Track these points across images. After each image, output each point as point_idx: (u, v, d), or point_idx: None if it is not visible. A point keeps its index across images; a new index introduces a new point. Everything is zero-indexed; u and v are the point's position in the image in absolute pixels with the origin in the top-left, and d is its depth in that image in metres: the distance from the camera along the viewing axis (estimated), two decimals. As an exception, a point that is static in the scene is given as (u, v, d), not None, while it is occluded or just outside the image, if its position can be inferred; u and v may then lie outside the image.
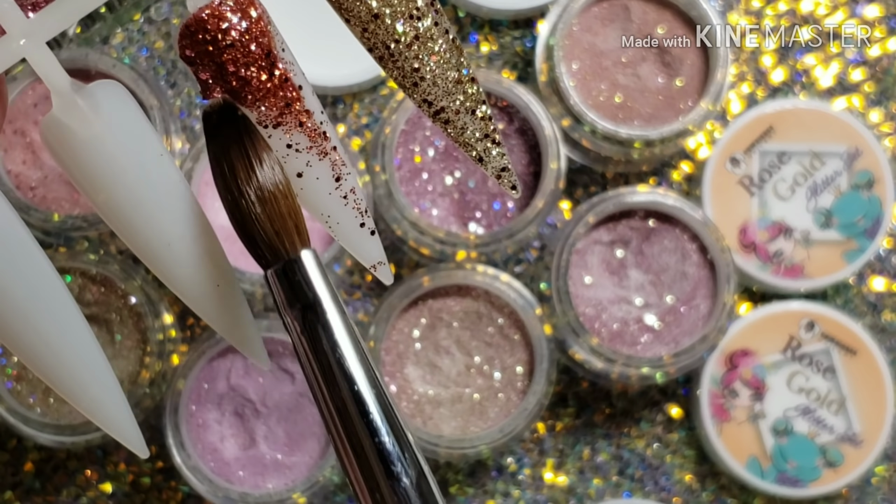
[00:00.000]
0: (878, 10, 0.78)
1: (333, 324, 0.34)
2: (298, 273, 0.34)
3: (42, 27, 0.33)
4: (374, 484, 0.33)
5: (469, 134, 0.36)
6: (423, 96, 0.35)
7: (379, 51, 0.35)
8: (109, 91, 0.33)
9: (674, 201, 0.72)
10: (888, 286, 0.77)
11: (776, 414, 0.74)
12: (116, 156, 0.33)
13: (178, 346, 0.73)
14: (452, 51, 0.35)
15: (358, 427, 0.33)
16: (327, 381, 0.33)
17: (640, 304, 0.72)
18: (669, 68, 0.73)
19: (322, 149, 0.35)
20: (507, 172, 0.36)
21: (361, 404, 0.33)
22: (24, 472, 0.75)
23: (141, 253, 0.34)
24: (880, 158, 0.74)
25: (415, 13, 0.34)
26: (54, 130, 0.33)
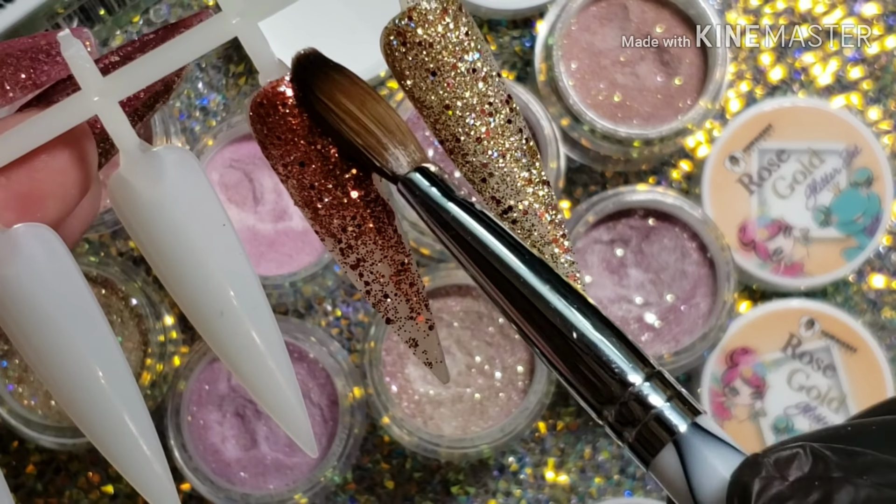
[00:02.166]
0: (876, 7, 0.78)
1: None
2: (436, 173, 0.34)
3: (116, 86, 0.33)
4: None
5: (536, 237, 0.35)
6: (491, 193, 0.35)
7: (449, 143, 0.35)
8: (176, 155, 0.33)
9: (673, 200, 0.72)
10: (888, 283, 0.77)
11: (777, 412, 0.74)
12: (177, 220, 0.33)
13: (179, 347, 0.73)
14: (524, 150, 0.35)
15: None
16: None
17: (640, 302, 0.72)
18: (668, 67, 0.73)
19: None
20: (576, 283, 0.35)
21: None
22: (26, 474, 0.75)
23: (192, 317, 0.34)
24: (879, 156, 0.74)
25: (487, 108, 0.34)
26: (119, 188, 0.33)
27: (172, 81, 0.38)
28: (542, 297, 0.33)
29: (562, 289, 0.33)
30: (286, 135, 0.34)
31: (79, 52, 0.32)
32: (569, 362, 0.32)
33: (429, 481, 0.76)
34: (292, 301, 0.75)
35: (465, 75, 0.34)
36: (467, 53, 0.34)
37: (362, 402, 0.71)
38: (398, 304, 0.35)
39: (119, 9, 0.74)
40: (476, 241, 0.33)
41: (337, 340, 0.75)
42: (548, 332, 0.33)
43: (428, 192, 0.34)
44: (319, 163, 0.34)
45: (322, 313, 0.76)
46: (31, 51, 0.35)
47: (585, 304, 0.33)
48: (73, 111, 0.33)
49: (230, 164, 0.72)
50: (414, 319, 0.36)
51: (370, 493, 0.75)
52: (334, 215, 0.35)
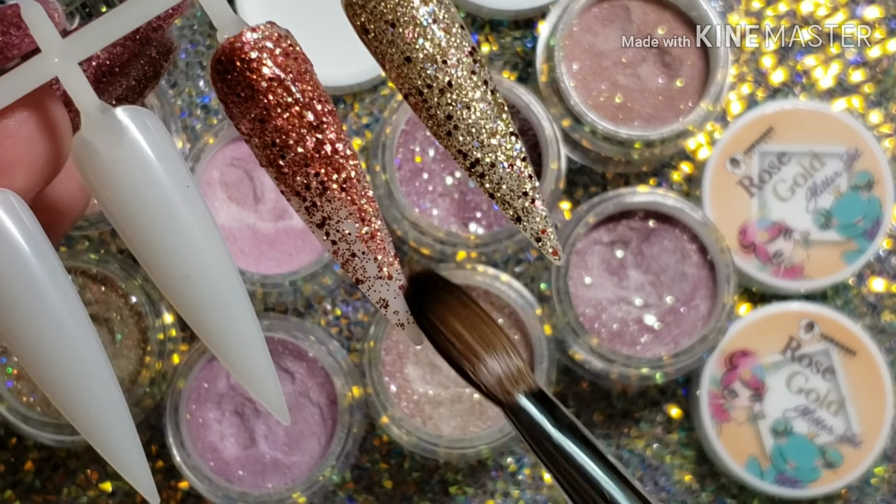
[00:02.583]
0: (878, 11, 0.78)
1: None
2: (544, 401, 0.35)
3: (76, 47, 0.33)
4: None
5: (505, 190, 0.34)
6: (457, 147, 0.34)
7: (412, 97, 0.34)
8: (138, 116, 0.33)
9: (674, 202, 0.72)
10: (887, 287, 0.77)
11: (776, 414, 0.74)
12: (140, 181, 0.33)
13: (179, 345, 0.73)
14: (490, 102, 0.34)
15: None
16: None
17: (640, 304, 0.72)
18: (669, 69, 0.73)
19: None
20: (548, 235, 0.35)
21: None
22: (25, 470, 0.75)
23: (158, 280, 0.34)
24: (880, 159, 0.74)
25: (449, 59, 0.34)
26: (82, 150, 0.33)
27: (161, 66, 0.38)
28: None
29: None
30: (245, 91, 0.33)
31: (39, 15, 0.32)
32: None
33: (427, 481, 0.76)
34: (292, 300, 0.75)
35: (424, 26, 0.33)
36: (426, 4, 0.34)
37: (361, 401, 0.71)
38: (366, 262, 0.35)
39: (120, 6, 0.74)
40: (578, 471, 0.34)
41: (336, 340, 0.75)
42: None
43: (535, 419, 0.34)
44: (280, 119, 0.34)
45: (322, 312, 0.76)
46: (0, 23, 0.34)
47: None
48: (32, 73, 0.33)
49: (231, 162, 0.72)
50: (383, 279, 0.35)
51: (368, 492, 0.75)
52: (298, 172, 0.34)
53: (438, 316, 0.34)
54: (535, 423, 0.34)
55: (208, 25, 0.75)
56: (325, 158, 0.34)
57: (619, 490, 0.34)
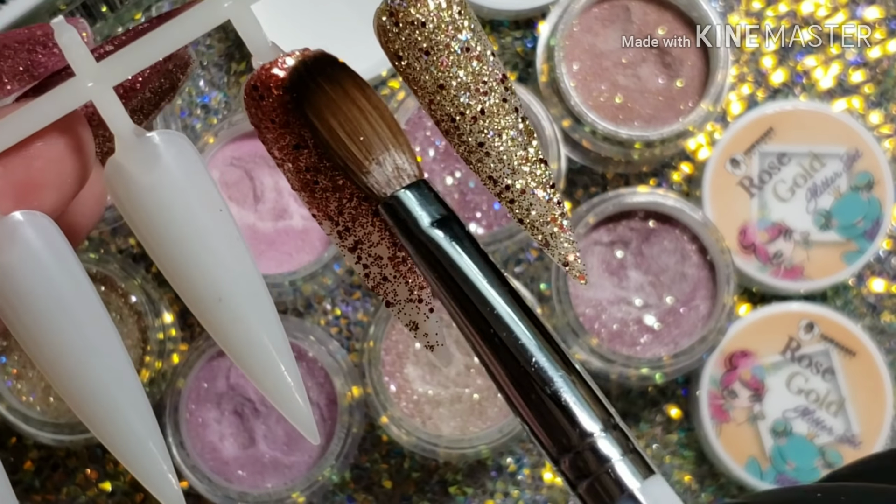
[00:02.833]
0: (878, 11, 0.78)
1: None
2: (430, 190, 0.34)
3: (110, 71, 0.33)
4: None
5: (534, 216, 0.35)
6: (488, 173, 0.35)
7: (445, 123, 0.34)
8: (172, 140, 0.33)
9: (674, 202, 0.72)
10: (887, 288, 0.77)
11: (775, 415, 0.74)
12: (173, 205, 0.33)
13: (178, 345, 0.73)
14: (520, 129, 0.35)
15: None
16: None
17: (640, 304, 0.72)
18: (670, 69, 0.73)
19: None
20: (576, 261, 0.35)
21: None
22: (24, 470, 0.75)
23: (190, 304, 0.34)
24: (880, 160, 0.74)
25: (482, 87, 0.34)
26: (115, 174, 0.33)
27: (178, 80, 0.38)
28: (513, 338, 0.32)
29: (537, 333, 0.33)
30: (281, 118, 0.34)
31: (73, 38, 0.32)
32: (531, 405, 0.32)
33: (427, 481, 0.76)
34: (292, 300, 0.75)
35: (458, 54, 0.34)
36: (460, 32, 0.34)
37: (361, 401, 0.71)
38: (397, 286, 0.35)
39: (121, 6, 0.74)
40: (451, 269, 0.33)
41: (336, 339, 0.75)
42: (514, 373, 0.32)
43: (407, 216, 0.33)
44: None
45: (321, 312, 0.76)
46: (28, 42, 0.35)
47: (557, 351, 0.33)
48: (67, 97, 0.33)
49: (231, 162, 0.72)
50: (413, 302, 0.35)
51: (368, 492, 0.75)
52: (331, 197, 0.35)
53: (315, 110, 0.33)
54: (407, 221, 0.33)
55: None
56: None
57: (486, 284, 0.33)
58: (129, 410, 0.34)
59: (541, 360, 0.32)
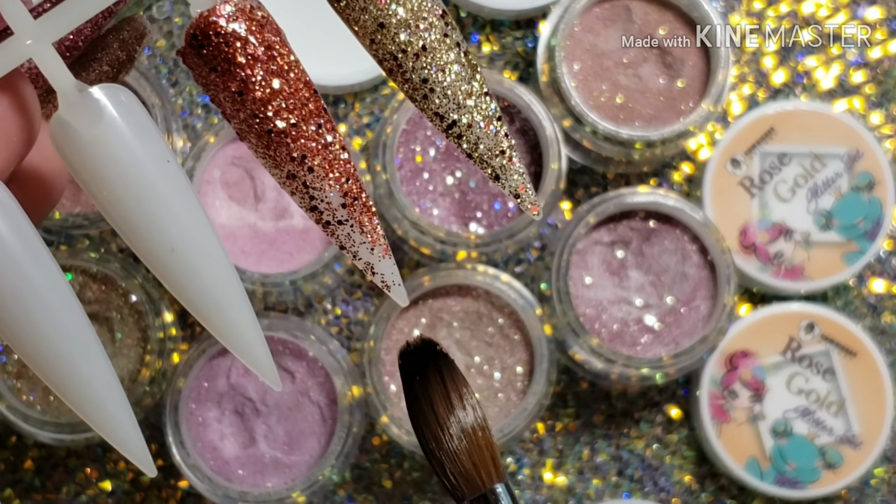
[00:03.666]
0: (879, 12, 0.78)
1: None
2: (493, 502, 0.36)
3: (49, 29, 0.33)
4: None
5: (483, 149, 0.35)
6: (433, 109, 0.35)
7: (387, 62, 0.34)
8: (114, 93, 0.33)
9: (674, 202, 0.72)
10: (888, 288, 0.77)
11: (776, 415, 0.74)
12: (120, 158, 0.33)
13: (179, 344, 0.73)
14: (464, 64, 0.35)
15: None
16: None
17: (641, 304, 0.72)
18: (671, 69, 0.73)
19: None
20: (526, 192, 0.35)
21: None
22: (24, 469, 0.75)
23: (144, 257, 0.34)
24: (881, 160, 0.74)
25: (422, 24, 0.34)
26: (60, 130, 0.33)
27: (135, 51, 0.38)
28: None
29: None
30: (222, 65, 0.33)
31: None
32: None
33: (427, 481, 0.76)
34: (292, 299, 0.75)
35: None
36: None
37: (361, 401, 0.71)
38: (351, 230, 0.35)
39: (122, 5, 0.74)
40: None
41: (336, 339, 0.75)
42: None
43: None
44: (259, 91, 0.34)
45: (322, 312, 0.76)
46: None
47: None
48: (6, 56, 0.33)
49: (231, 161, 0.72)
50: (367, 244, 0.35)
51: (368, 492, 0.75)
52: (284, 143, 0.34)
53: (427, 395, 0.34)
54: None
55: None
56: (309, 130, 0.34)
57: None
58: (94, 376, 0.34)
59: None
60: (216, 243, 0.34)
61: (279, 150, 0.34)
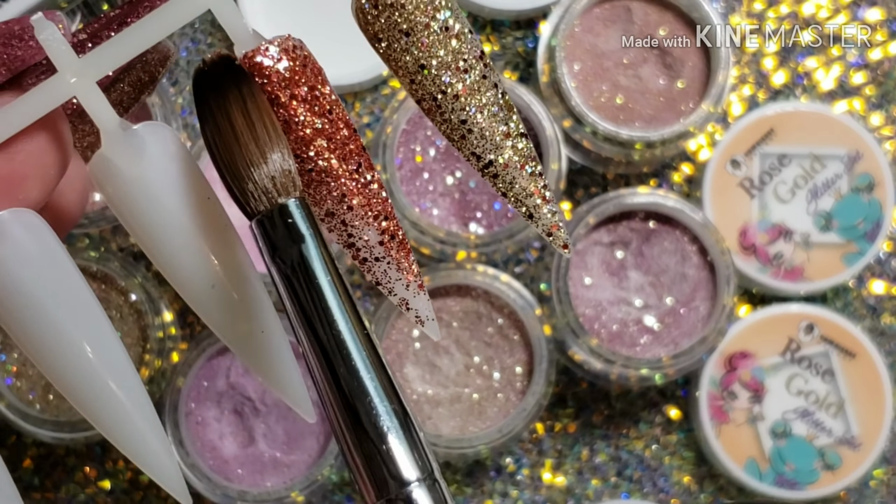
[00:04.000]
0: (879, 13, 0.78)
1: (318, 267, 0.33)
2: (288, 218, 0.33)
3: (92, 66, 0.33)
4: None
5: (518, 189, 0.35)
6: (471, 149, 0.35)
7: (426, 102, 0.35)
8: (157, 131, 0.33)
9: (674, 203, 0.72)
10: (888, 289, 0.77)
11: (775, 416, 0.74)
12: (161, 197, 0.33)
13: (178, 343, 0.73)
14: (501, 105, 0.35)
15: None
16: (312, 326, 0.33)
17: (640, 305, 0.72)
18: (671, 70, 0.73)
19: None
20: (559, 231, 0.36)
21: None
22: (23, 468, 0.75)
23: (183, 293, 0.34)
24: (881, 162, 0.74)
25: (462, 65, 0.34)
26: (101, 167, 0.33)
27: (158, 73, 0.38)
28: (353, 369, 0.32)
29: (374, 369, 0.32)
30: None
31: (53, 34, 0.32)
32: (357, 444, 0.32)
33: (426, 481, 0.75)
34: (292, 299, 0.75)
35: (438, 34, 0.34)
36: (439, 12, 0.34)
37: (360, 400, 0.71)
38: (388, 268, 0.35)
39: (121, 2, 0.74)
40: (306, 297, 0.33)
41: (336, 339, 0.75)
42: (346, 408, 0.32)
43: (266, 242, 0.33)
44: (301, 131, 0.34)
45: (321, 311, 0.76)
46: (4, 36, 0.35)
47: (392, 392, 0.33)
48: (51, 93, 0.33)
49: (231, 161, 0.72)
50: (402, 280, 0.36)
51: (367, 491, 0.75)
52: (321, 182, 0.35)
53: (213, 115, 0.33)
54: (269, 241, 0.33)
55: (210, 24, 0.75)
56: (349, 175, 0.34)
57: (341, 317, 0.33)
58: (127, 401, 0.34)
59: (375, 400, 0.32)
60: (254, 277, 0.34)
61: (319, 189, 0.34)
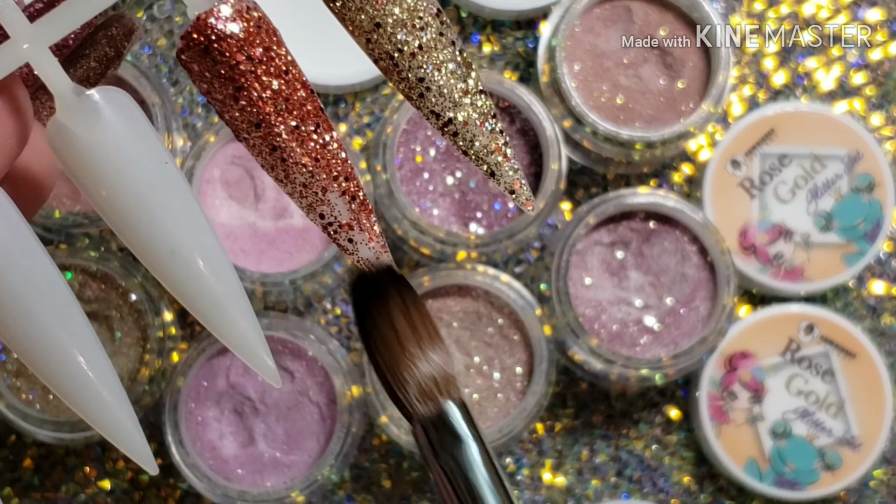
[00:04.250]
0: (879, 13, 0.78)
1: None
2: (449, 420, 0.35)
3: (46, 32, 0.33)
4: None
5: (478, 147, 0.35)
6: (429, 108, 0.35)
7: (383, 61, 0.35)
8: (112, 96, 0.33)
9: (674, 203, 0.72)
10: (888, 290, 0.77)
11: (775, 416, 0.74)
12: (118, 161, 0.33)
13: (178, 343, 0.73)
14: (459, 62, 0.35)
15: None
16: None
17: (640, 305, 0.72)
18: (671, 70, 0.73)
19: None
20: (521, 188, 0.36)
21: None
22: (23, 468, 0.75)
23: (144, 259, 0.34)
24: (881, 162, 0.74)
25: (418, 23, 0.34)
26: (57, 134, 0.33)
27: (123, 47, 0.38)
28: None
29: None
30: (221, 67, 0.33)
31: (4, 1, 0.32)
32: None
33: (426, 481, 0.76)
34: (292, 299, 0.75)
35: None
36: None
37: (360, 400, 0.71)
38: (350, 232, 0.35)
39: (122, 4, 0.74)
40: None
41: (336, 339, 0.75)
42: None
43: (428, 444, 0.35)
44: (256, 93, 0.34)
45: (321, 311, 0.76)
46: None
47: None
48: (3, 60, 0.33)
49: (232, 160, 0.72)
50: (365, 242, 0.36)
51: (367, 491, 0.75)
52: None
53: (379, 323, 0.34)
54: (428, 448, 0.35)
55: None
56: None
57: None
58: (95, 377, 0.34)
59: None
60: (216, 244, 0.34)
61: (276, 154, 0.34)
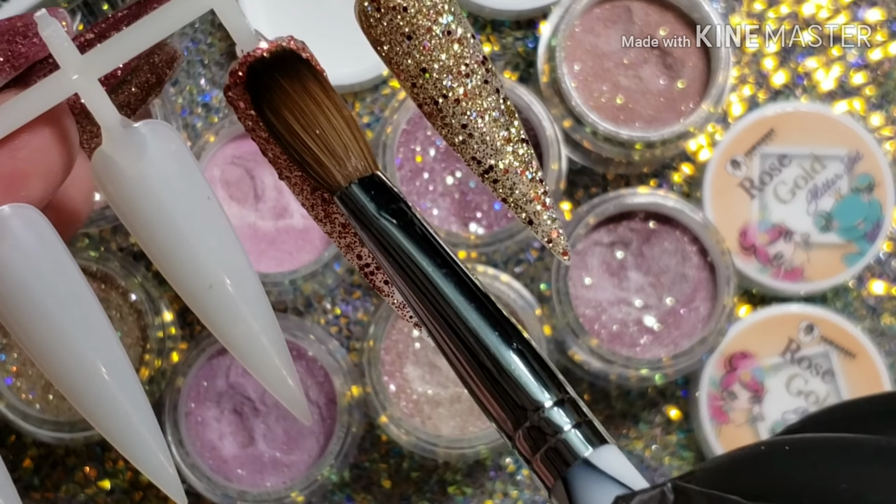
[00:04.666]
0: (879, 13, 0.78)
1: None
2: (381, 181, 0.34)
3: (95, 63, 0.33)
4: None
5: (518, 195, 0.35)
6: (471, 154, 0.35)
7: (427, 106, 0.35)
8: (158, 130, 0.33)
9: (674, 203, 0.72)
10: (888, 290, 0.77)
11: (775, 416, 0.74)
12: (161, 194, 0.33)
13: (178, 343, 0.73)
14: (502, 110, 0.35)
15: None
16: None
17: (640, 305, 0.72)
18: (671, 70, 0.73)
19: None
20: (559, 238, 0.36)
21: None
22: (23, 468, 0.75)
23: (181, 292, 0.34)
24: (881, 162, 0.74)
25: (464, 70, 0.34)
26: (103, 165, 0.33)
27: (164, 74, 0.38)
28: (461, 316, 0.33)
29: (485, 308, 0.33)
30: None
31: (56, 31, 0.32)
32: (484, 382, 0.32)
33: (426, 481, 0.76)
34: (291, 299, 0.75)
35: (440, 38, 0.34)
36: (441, 16, 0.34)
37: (360, 400, 0.71)
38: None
39: (122, 4, 0.74)
40: (401, 256, 0.34)
41: (336, 339, 0.75)
42: (466, 349, 0.33)
43: (361, 206, 0.34)
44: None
45: (321, 311, 0.76)
46: (8, 33, 0.35)
47: (508, 326, 0.33)
48: (53, 90, 0.33)
49: (231, 160, 0.72)
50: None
51: (367, 492, 0.75)
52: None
53: (272, 107, 0.34)
54: (361, 210, 0.34)
55: (210, 24, 0.75)
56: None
57: (435, 270, 0.33)
58: (125, 401, 0.34)
59: (491, 337, 0.32)
60: (253, 280, 0.35)
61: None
